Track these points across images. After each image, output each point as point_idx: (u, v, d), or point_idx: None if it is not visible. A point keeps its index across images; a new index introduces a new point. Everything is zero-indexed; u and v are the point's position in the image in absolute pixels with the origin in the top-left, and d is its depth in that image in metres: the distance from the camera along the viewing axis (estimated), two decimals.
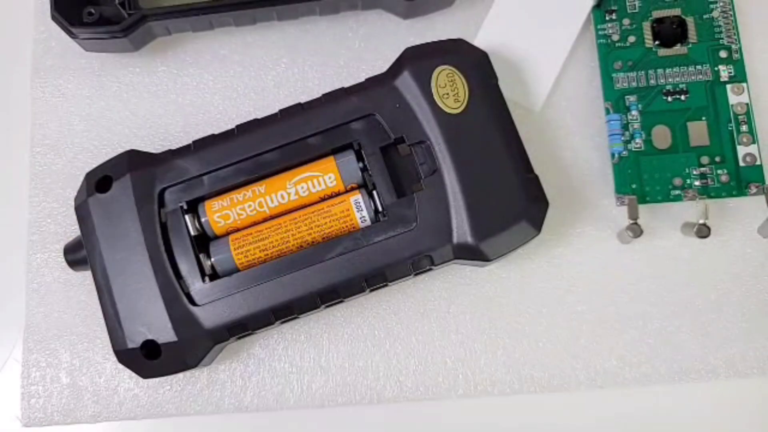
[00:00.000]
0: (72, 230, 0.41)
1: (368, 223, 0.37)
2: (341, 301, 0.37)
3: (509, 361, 0.40)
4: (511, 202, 0.36)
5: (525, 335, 0.40)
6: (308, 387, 0.40)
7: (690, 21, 0.41)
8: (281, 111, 0.38)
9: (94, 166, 0.39)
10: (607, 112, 0.41)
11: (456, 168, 0.36)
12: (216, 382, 0.41)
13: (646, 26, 0.41)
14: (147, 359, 0.37)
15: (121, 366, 0.40)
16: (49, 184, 0.43)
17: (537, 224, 0.37)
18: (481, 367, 0.40)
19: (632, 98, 0.40)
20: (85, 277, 0.41)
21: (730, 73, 0.40)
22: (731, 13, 0.40)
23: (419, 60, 0.37)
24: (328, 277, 0.36)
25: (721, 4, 0.40)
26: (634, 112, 0.40)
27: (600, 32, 0.41)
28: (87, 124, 0.43)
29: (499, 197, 0.36)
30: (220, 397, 0.41)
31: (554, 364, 0.40)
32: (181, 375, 0.40)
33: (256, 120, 0.38)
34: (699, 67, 0.40)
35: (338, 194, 0.38)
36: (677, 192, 0.40)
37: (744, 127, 0.39)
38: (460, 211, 0.36)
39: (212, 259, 0.37)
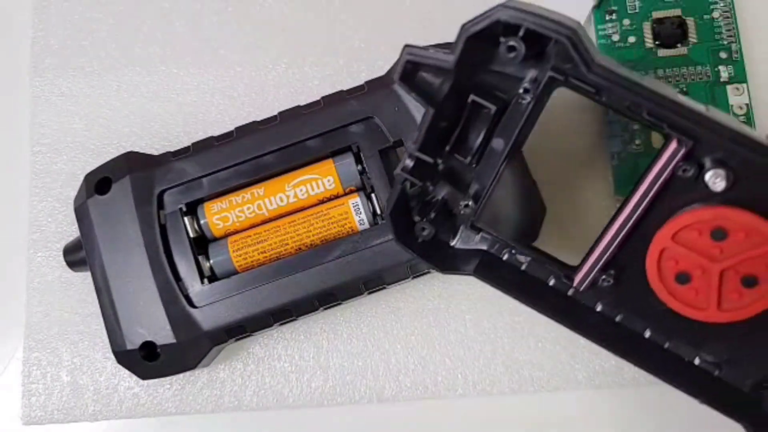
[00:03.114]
0: (72, 229, 0.41)
1: (366, 226, 0.37)
2: (339, 304, 0.37)
3: (508, 361, 0.40)
4: None
5: (524, 335, 0.40)
6: (308, 386, 0.41)
7: (690, 21, 0.40)
8: (280, 113, 0.38)
9: (94, 165, 0.39)
10: (607, 112, 0.41)
11: None
12: (216, 380, 0.41)
13: (646, 27, 0.41)
14: (145, 360, 0.37)
15: None
16: (49, 184, 0.43)
17: (534, 231, 0.36)
18: (480, 366, 0.40)
19: None
20: (86, 276, 0.41)
21: (730, 73, 0.40)
22: (731, 13, 0.40)
23: None
24: (326, 280, 0.36)
25: (722, 4, 0.40)
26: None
27: (600, 32, 0.41)
28: (87, 123, 0.43)
29: None
30: (219, 396, 0.41)
31: (553, 364, 0.40)
32: (180, 374, 0.40)
33: (255, 122, 0.38)
34: (699, 67, 0.40)
35: (337, 197, 0.38)
36: None
37: None
38: None
39: (211, 261, 0.38)
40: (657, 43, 0.40)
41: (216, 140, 0.38)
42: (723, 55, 0.40)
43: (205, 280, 0.37)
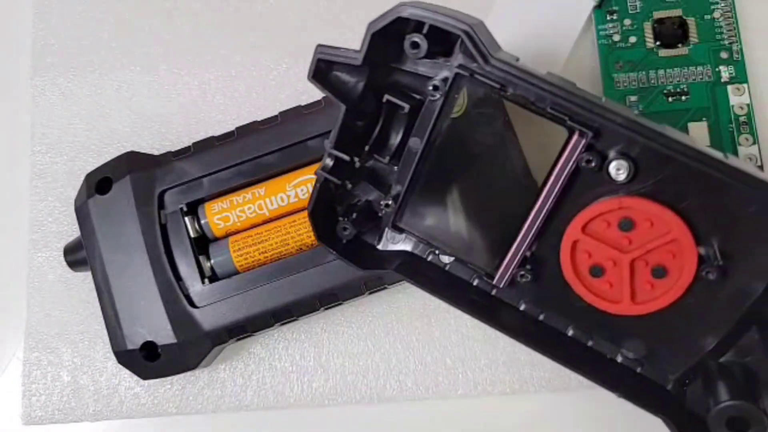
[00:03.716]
0: (73, 229, 0.41)
1: None
2: (340, 303, 0.37)
3: (509, 361, 0.40)
4: None
5: None
6: (308, 386, 0.41)
7: (691, 21, 0.40)
8: (281, 113, 0.38)
9: (95, 165, 0.40)
10: None
11: None
12: (216, 380, 0.41)
13: (647, 27, 0.41)
14: (146, 360, 0.37)
15: None
16: (50, 183, 0.43)
17: None
18: (481, 366, 0.40)
19: (633, 99, 0.40)
20: (87, 276, 0.41)
21: (731, 73, 0.40)
22: (732, 13, 0.40)
23: None
24: (327, 280, 0.36)
25: (722, 4, 0.40)
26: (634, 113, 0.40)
27: (601, 32, 0.41)
28: (87, 123, 0.44)
29: None
30: (220, 396, 0.41)
31: (554, 364, 0.40)
32: (181, 374, 0.40)
33: (256, 122, 0.38)
34: (700, 67, 0.40)
35: None
36: None
37: (744, 128, 0.39)
38: None
39: (212, 261, 0.38)
40: (658, 43, 0.40)
41: (217, 140, 0.38)
42: (724, 55, 0.40)
43: (206, 280, 0.37)
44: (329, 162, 0.33)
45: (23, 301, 0.42)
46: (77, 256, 0.39)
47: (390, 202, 0.34)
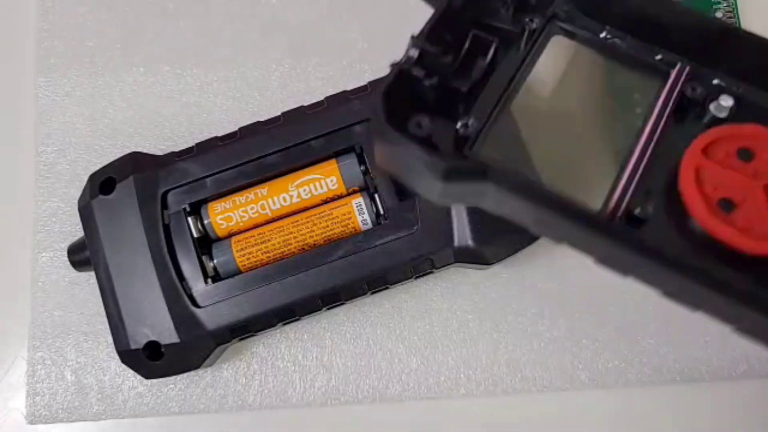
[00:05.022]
0: (77, 229, 0.42)
1: (370, 226, 0.37)
2: (342, 303, 0.38)
3: (511, 361, 0.40)
4: None
5: (527, 335, 0.40)
6: (311, 385, 0.41)
7: None
8: (284, 114, 0.38)
9: (99, 165, 0.40)
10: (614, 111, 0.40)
11: None
12: (219, 380, 0.41)
13: None
14: (149, 360, 0.37)
15: None
16: (54, 183, 0.43)
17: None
18: (483, 366, 0.40)
19: (636, 97, 0.40)
20: (90, 276, 0.41)
21: None
22: (734, 13, 0.40)
23: None
24: (329, 280, 0.36)
25: (724, 4, 0.40)
26: None
27: None
28: (91, 123, 0.44)
29: None
30: (223, 396, 0.41)
31: (556, 364, 0.40)
32: (184, 374, 0.40)
33: (258, 122, 0.39)
34: None
35: (340, 197, 0.38)
36: None
37: None
38: (461, 214, 0.36)
39: (214, 261, 0.38)
40: None
41: (220, 140, 0.38)
42: None
43: (209, 280, 0.37)
44: (414, 53, 0.29)
45: (27, 300, 0.42)
46: (81, 256, 0.39)
47: (469, 122, 0.29)
